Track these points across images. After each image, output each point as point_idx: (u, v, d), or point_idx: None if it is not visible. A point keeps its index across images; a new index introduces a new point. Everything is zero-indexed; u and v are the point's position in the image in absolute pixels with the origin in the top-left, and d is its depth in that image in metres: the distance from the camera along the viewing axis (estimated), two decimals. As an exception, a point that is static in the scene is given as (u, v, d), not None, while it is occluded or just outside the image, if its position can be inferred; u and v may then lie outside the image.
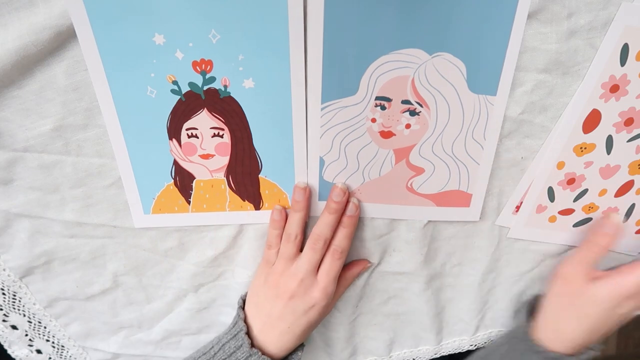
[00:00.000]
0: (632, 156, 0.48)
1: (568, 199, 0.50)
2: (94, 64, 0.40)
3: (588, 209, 0.51)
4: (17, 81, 0.40)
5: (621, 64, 0.42)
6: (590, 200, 0.50)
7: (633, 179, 0.49)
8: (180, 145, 0.46)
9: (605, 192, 0.50)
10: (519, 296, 0.60)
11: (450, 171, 0.48)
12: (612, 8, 0.40)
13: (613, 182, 0.49)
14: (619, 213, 0.51)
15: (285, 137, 0.45)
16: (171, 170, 0.47)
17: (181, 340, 0.61)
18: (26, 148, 0.44)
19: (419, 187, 0.49)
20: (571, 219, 0.52)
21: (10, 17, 0.37)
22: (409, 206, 0.50)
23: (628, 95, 0.44)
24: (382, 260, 0.55)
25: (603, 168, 0.48)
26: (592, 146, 0.47)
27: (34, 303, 0.55)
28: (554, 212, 0.51)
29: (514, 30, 0.40)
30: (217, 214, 0.50)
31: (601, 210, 0.51)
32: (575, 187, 0.49)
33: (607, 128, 0.46)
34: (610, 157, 0.48)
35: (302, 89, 0.43)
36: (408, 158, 0.47)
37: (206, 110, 0.44)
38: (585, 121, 0.45)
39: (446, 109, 0.44)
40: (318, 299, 0.47)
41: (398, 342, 0.62)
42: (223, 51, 0.40)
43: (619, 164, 0.48)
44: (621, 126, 0.46)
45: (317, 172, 0.47)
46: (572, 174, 0.48)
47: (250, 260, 0.52)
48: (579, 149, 0.47)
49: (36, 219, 0.49)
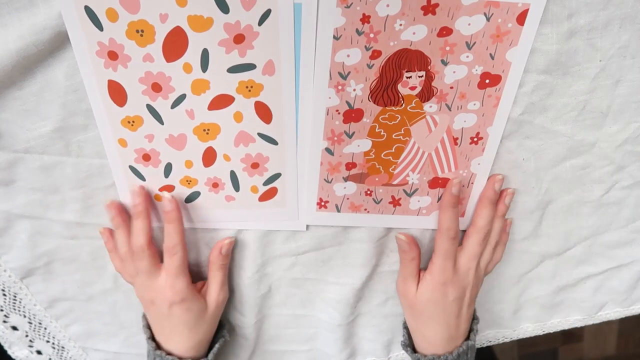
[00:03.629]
0: (189, 122, 0.44)
1: (157, 175, 0.47)
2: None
3: (187, 182, 0.48)
4: (18, 82, 0.40)
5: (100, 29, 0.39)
6: (183, 174, 0.47)
7: (210, 145, 0.46)
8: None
9: (190, 163, 0.46)
10: (518, 297, 0.60)
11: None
12: (612, 8, 0.40)
13: (190, 151, 0.46)
14: (222, 181, 0.47)
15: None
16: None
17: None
18: (27, 149, 0.44)
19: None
20: (178, 195, 0.48)
21: (10, 18, 0.37)
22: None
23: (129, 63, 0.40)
24: (380, 261, 0.55)
25: (168, 139, 0.45)
26: (139, 119, 0.44)
27: (34, 304, 0.55)
28: (155, 190, 0.48)
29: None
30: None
31: (204, 182, 0.48)
32: (155, 162, 0.46)
33: (140, 98, 0.42)
34: (165, 127, 0.44)
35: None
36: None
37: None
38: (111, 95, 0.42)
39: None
40: (170, 296, 0.49)
41: (397, 342, 0.62)
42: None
43: (183, 133, 0.45)
44: (151, 93, 0.42)
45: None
46: (141, 150, 0.45)
47: (249, 261, 0.52)
48: (127, 123, 0.44)
49: (37, 220, 0.49)
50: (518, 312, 0.62)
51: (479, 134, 0.46)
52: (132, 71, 0.41)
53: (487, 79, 0.42)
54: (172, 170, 0.47)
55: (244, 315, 0.57)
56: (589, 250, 0.57)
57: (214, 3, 0.38)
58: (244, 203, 0.49)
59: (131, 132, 0.44)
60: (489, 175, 0.49)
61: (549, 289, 0.60)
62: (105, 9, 0.38)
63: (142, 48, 0.40)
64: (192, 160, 0.46)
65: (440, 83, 0.42)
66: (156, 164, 0.46)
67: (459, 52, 0.41)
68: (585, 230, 0.55)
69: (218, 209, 0.49)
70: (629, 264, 0.58)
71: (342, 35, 0.39)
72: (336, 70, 0.41)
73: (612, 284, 0.60)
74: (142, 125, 0.44)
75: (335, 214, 0.50)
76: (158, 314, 0.50)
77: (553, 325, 0.63)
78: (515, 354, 1.52)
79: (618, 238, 0.56)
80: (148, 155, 0.46)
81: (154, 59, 0.40)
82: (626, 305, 0.62)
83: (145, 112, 0.43)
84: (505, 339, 0.64)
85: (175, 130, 0.44)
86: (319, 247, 0.53)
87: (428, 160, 0.47)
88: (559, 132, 0.47)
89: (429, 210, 0.50)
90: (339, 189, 0.48)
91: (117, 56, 0.40)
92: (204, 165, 0.47)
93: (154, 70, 0.41)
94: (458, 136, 0.46)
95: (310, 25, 0.39)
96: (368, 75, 0.42)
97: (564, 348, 1.55)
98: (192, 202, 0.49)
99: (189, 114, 0.43)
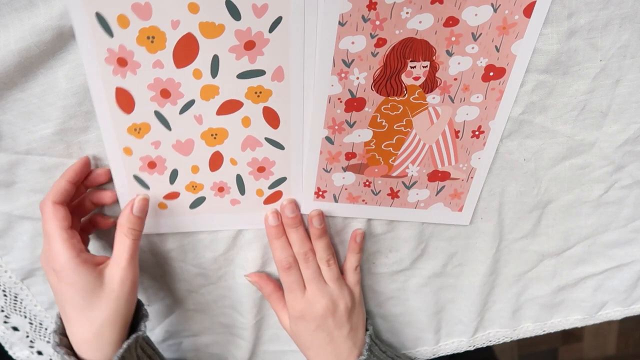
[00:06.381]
0: (196, 127, 0.44)
1: (163, 182, 0.47)
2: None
3: (192, 188, 0.47)
4: (19, 84, 0.40)
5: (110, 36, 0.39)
6: (189, 180, 0.47)
7: (217, 150, 0.45)
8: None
9: (197, 168, 0.46)
10: (517, 297, 0.60)
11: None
12: (612, 8, 0.40)
13: (196, 156, 0.46)
14: (228, 185, 0.47)
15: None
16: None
17: (182, 342, 0.61)
18: (28, 151, 0.44)
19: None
20: (184, 201, 0.48)
21: (11, 18, 0.37)
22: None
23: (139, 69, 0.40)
24: (377, 261, 0.55)
25: (175, 145, 0.45)
26: (146, 125, 0.43)
27: (35, 305, 0.55)
28: (159, 198, 0.48)
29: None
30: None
31: (209, 187, 0.47)
32: (161, 169, 0.46)
33: (148, 104, 0.42)
34: (172, 132, 0.44)
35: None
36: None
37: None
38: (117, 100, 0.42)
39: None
40: (52, 264, 0.42)
41: (396, 343, 0.62)
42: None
43: (190, 138, 0.44)
44: (160, 99, 0.42)
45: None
46: (147, 158, 0.45)
47: (249, 262, 0.53)
48: (133, 130, 0.43)
49: (38, 221, 0.48)
50: (518, 311, 0.62)
51: (481, 128, 0.46)
52: (141, 78, 0.41)
53: (491, 72, 0.42)
54: (177, 177, 0.47)
55: (243, 315, 0.57)
56: (589, 249, 0.57)
57: (226, 10, 0.38)
58: (248, 206, 0.49)
59: (137, 139, 0.44)
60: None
61: (549, 289, 0.60)
62: (117, 15, 0.38)
63: (152, 54, 0.40)
64: (199, 165, 0.46)
65: (444, 74, 0.42)
66: (162, 170, 0.46)
67: (464, 43, 0.41)
68: (584, 230, 0.55)
69: (223, 212, 0.49)
70: (629, 263, 0.58)
71: (347, 22, 0.39)
72: (340, 57, 0.41)
73: (612, 284, 0.60)
74: (149, 132, 0.44)
75: (333, 204, 0.49)
76: (52, 288, 0.42)
77: (553, 325, 0.63)
78: (515, 354, 1.52)
79: (618, 237, 0.56)
80: (154, 162, 0.46)
81: (163, 65, 0.40)
82: (627, 304, 0.62)
83: (152, 119, 0.43)
84: (505, 339, 0.64)
85: (183, 136, 0.44)
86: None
87: (428, 152, 0.47)
88: (559, 131, 0.47)
89: (427, 204, 0.50)
90: (338, 179, 0.48)
91: (127, 63, 0.40)
92: (210, 169, 0.47)
93: (164, 77, 0.41)
94: (460, 129, 0.46)
95: (315, 10, 0.39)
96: (372, 64, 0.41)
97: (564, 348, 1.55)
98: (197, 207, 0.49)
99: (197, 119, 0.43)
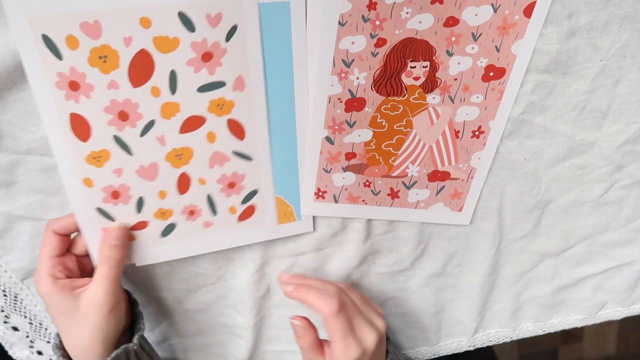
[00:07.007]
0: (160, 149, 0.42)
1: (129, 212, 0.44)
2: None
3: (161, 214, 0.45)
4: (19, 84, 0.40)
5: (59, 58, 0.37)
6: (157, 207, 0.45)
7: (183, 171, 0.44)
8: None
9: (164, 193, 0.44)
10: (518, 297, 0.60)
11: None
12: (612, 8, 0.40)
13: (163, 180, 0.44)
14: (198, 208, 0.46)
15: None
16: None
17: (182, 342, 0.61)
18: (28, 151, 0.44)
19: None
20: (153, 230, 0.46)
21: (11, 19, 0.37)
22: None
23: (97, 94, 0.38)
24: (377, 261, 0.55)
25: (139, 170, 0.43)
26: (105, 153, 0.41)
27: (35, 305, 0.55)
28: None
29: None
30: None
31: (180, 212, 0.46)
32: (125, 198, 0.43)
33: (106, 129, 0.40)
34: (134, 157, 0.42)
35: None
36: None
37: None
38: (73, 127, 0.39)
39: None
40: (37, 287, 0.43)
41: (396, 343, 0.62)
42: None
43: (154, 162, 0.43)
44: (118, 122, 0.40)
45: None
46: (109, 188, 0.43)
47: (249, 261, 0.53)
48: (92, 159, 0.41)
49: (38, 221, 0.48)
50: (518, 311, 0.62)
51: (481, 128, 0.46)
52: (96, 101, 0.39)
53: (491, 72, 0.42)
54: (144, 204, 0.44)
55: (243, 316, 0.57)
56: (589, 249, 0.57)
57: (179, 22, 0.37)
58: (223, 226, 0.48)
59: (97, 168, 0.42)
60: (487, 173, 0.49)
61: (549, 289, 0.60)
62: (65, 36, 0.36)
63: (106, 75, 0.38)
64: (166, 190, 0.44)
65: (444, 74, 0.42)
66: (127, 200, 0.44)
67: (464, 43, 0.41)
68: (584, 230, 0.55)
69: (196, 237, 0.48)
70: (629, 263, 0.58)
71: (347, 22, 0.39)
72: (340, 57, 0.41)
73: (612, 284, 0.60)
74: (109, 159, 0.42)
75: (333, 204, 0.49)
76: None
77: (553, 325, 0.63)
78: (515, 354, 1.52)
79: (618, 237, 0.56)
80: (117, 192, 0.43)
81: (119, 86, 0.38)
82: (627, 304, 0.62)
83: (112, 145, 0.41)
84: (505, 339, 0.64)
85: (146, 160, 0.42)
86: (319, 248, 0.53)
87: (428, 152, 0.47)
88: (559, 131, 0.47)
89: (427, 204, 0.50)
90: (338, 179, 0.48)
91: (79, 86, 0.38)
92: (179, 192, 0.45)
93: (120, 98, 0.39)
94: (460, 129, 0.46)
95: (316, 11, 0.39)
96: (372, 64, 0.41)
97: (564, 348, 1.55)
98: (168, 235, 0.47)
99: (160, 140, 0.42)
